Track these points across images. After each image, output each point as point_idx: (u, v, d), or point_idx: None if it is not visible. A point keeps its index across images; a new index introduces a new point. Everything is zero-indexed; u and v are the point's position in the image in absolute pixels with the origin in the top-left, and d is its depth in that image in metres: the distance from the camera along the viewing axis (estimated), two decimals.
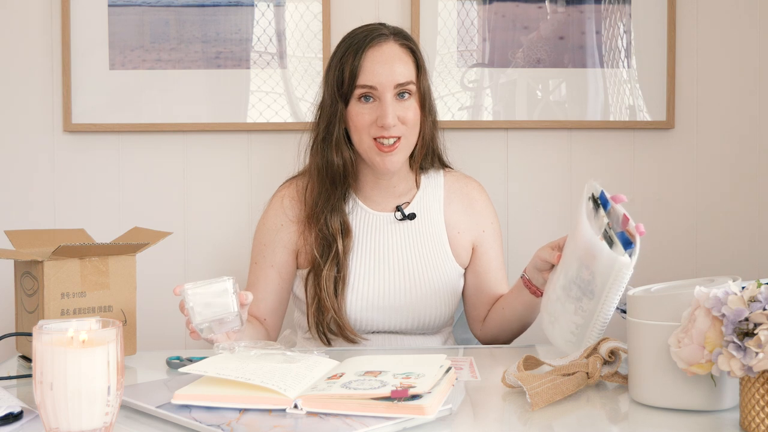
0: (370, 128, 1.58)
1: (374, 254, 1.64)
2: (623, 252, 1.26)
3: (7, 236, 1.50)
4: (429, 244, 1.66)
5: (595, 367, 1.22)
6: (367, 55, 1.58)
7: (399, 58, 1.59)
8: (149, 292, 2.02)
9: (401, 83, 1.58)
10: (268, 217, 1.70)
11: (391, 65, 1.57)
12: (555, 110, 2.12)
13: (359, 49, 1.58)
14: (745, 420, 1.04)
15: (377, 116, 1.57)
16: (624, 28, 2.10)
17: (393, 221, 1.67)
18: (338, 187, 1.64)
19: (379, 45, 1.59)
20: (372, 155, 1.60)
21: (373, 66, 1.57)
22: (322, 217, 1.62)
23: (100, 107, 2.06)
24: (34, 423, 1.09)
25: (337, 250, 1.60)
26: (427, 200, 1.70)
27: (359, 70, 1.57)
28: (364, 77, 1.57)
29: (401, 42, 1.61)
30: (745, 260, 2.15)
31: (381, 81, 1.57)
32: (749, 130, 2.15)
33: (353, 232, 1.64)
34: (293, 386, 1.10)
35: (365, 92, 1.58)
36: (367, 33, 1.61)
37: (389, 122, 1.56)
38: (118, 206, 2.10)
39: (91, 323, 1.00)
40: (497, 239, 1.74)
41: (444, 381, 1.13)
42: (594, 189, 1.36)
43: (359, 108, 1.59)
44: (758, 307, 1.00)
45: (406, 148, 1.62)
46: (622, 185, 2.14)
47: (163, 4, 2.05)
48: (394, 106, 1.57)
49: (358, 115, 1.59)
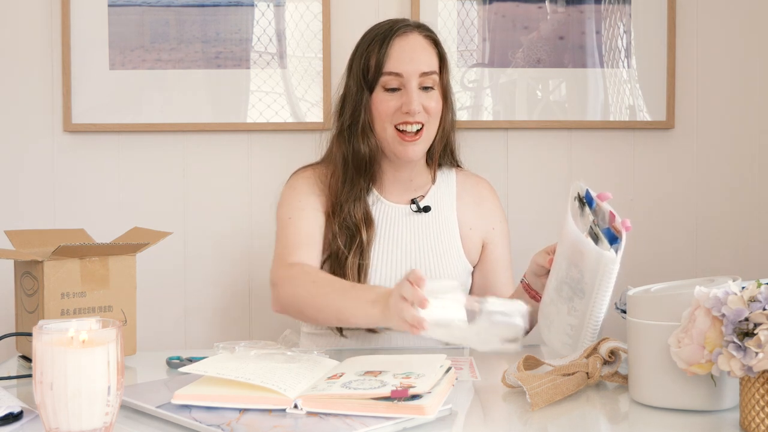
0: (394, 116, 1.61)
1: (392, 245, 1.66)
2: (608, 247, 1.26)
3: (7, 236, 1.50)
4: (441, 238, 1.69)
5: (595, 367, 1.22)
6: (394, 44, 1.61)
7: (424, 48, 1.63)
8: (149, 292, 2.02)
9: (426, 72, 1.61)
10: (299, 183, 1.68)
11: (417, 54, 1.61)
12: (555, 110, 2.12)
13: (386, 38, 1.62)
14: (745, 420, 1.04)
15: (402, 103, 1.60)
16: (624, 28, 2.10)
17: (408, 213, 1.68)
18: (362, 176, 1.65)
19: (405, 35, 1.62)
20: (395, 144, 1.62)
21: (400, 54, 1.61)
22: (346, 206, 1.63)
23: (100, 107, 2.06)
24: (34, 423, 1.09)
25: (361, 239, 1.61)
26: (441, 195, 1.72)
27: (386, 58, 1.60)
28: (390, 64, 1.60)
29: (425, 34, 1.65)
30: (745, 260, 2.15)
31: (407, 68, 1.60)
32: (749, 130, 2.15)
33: (375, 223, 1.65)
34: (293, 386, 1.10)
35: (391, 79, 1.60)
36: (392, 24, 1.65)
37: (414, 108, 1.59)
38: (118, 206, 2.10)
39: (91, 323, 1.00)
40: (505, 239, 1.75)
41: (444, 381, 1.13)
42: (579, 188, 1.37)
43: (384, 96, 1.62)
44: (758, 307, 1.00)
45: (428, 139, 1.64)
46: (622, 185, 2.15)
47: (163, 4, 2.05)
48: (418, 94, 1.60)
49: (383, 102, 1.61)
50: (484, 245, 1.74)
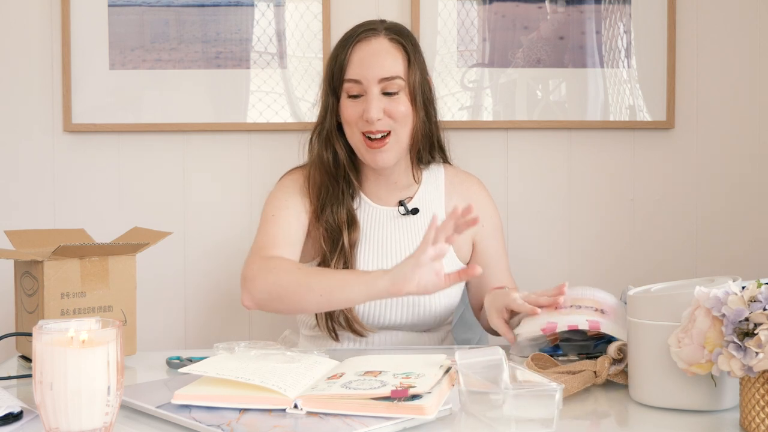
0: (358, 123, 1.60)
1: (379, 248, 1.65)
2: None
3: (7, 236, 1.50)
4: None
5: (603, 366, 1.22)
6: (355, 50, 1.60)
7: (387, 52, 1.60)
8: (149, 292, 2.02)
9: (386, 77, 1.58)
10: (288, 183, 1.69)
11: (377, 59, 1.59)
12: (555, 110, 2.12)
13: (348, 44, 1.61)
14: (745, 420, 1.04)
15: (363, 110, 1.58)
16: (624, 28, 2.10)
17: (396, 216, 1.68)
18: (338, 180, 1.64)
19: (368, 39, 1.61)
20: (362, 151, 1.62)
21: (360, 60, 1.59)
22: (328, 208, 1.62)
23: (100, 107, 2.06)
24: (34, 423, 1.09)
25: (343, 242, 1.61)
26: (429, 195, 1.71)
27: (346, 64, 1.60)
28: (350, 71, 1.59)
29: (391, 36, 1.62)
30: (745, 260, 2.15)
31: (365, 75, 1.58)
32: (749, 130, 2.15)
33: (360, 225, 1.65)
34: (293, 386, 1.10)
35: (352, 86, 1.59)
36: (358, 28, 1.63)
37: (372, 116, 1.57)
38: (118, 206, 2.10)
39: (91, 323, 1.00)
40: (497, 232, 1.75)
41: (444, 381, 1.13)
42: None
43: (348, 102, 1.61)
44: (758, 307, 1.00)
45: (397, 145, 1.62)
46: (622, 185, 2.15)
47: (163, 4, 2.05)
48: (380, 100, 1.58)
49: (347, 109, 1.61)
50: (475, 243, 1.73)
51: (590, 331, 1.32)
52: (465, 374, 1.09)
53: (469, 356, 1.11)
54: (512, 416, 1.04)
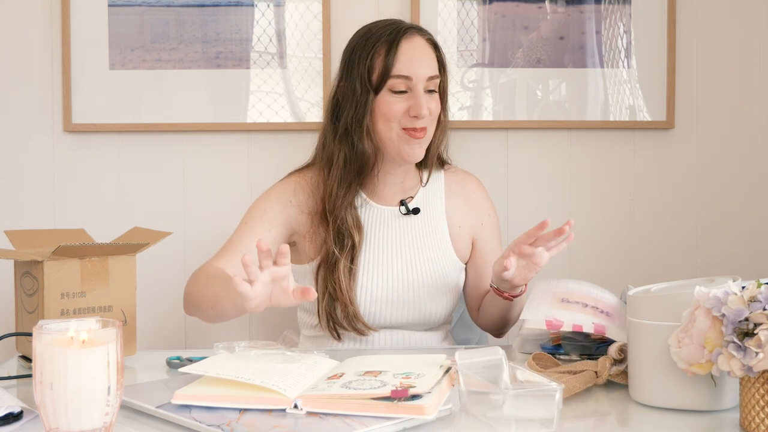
0: (402, 118, 1.60)
1: (381, 248, 1.65)
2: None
3: (7, 236, 1.50)
4: (431, 239, 1.68)
5: (604, 366, 1.22)
6: (402, 47, 1.60)
7: (428, 51, 1.63)
8: (149, 292, 2.02)
9: (432, 76, 1.61)
10: (275, 192, 1.69)
11: (425, 57, 1.61)
12: (555, 110, 2.12)
13: (394, 41, 1.61)
14: (745, 420, 1.04)
15: (410, 106, 1.59)
16: (624, 28, 2.10)
17: (398, 216, 1.68)
18: (351, 180, 1.64)
19: (412, 37, 1.62)
20: (401, 144, 1.61)
21: (410, 57, 1.60)
22: (341, 210, 1.62)
23: (100, 107, 2.06)
24: (34, 423, 1.09)
25: (353, 243, 1.61)
26: (430, 196, 1.71)
27: (395, 61, 1.59)
28: (399, 68, 1.59)
29: (427, 37, 1.65)
30: (745, 260, 2.15)
31: (416, 72, 1.59)
32: (749, 130, 2.15)
33: (363, 226, 1.65)
34: (293, 386, 1.10)
35: (399, 83, 1.60)
36: (396, 25, 1.64)
37: (423, 112, 1.59)
38: (118, 206, 2.10)
39: (91, 323, 1.00)
40: (495, 231, 1.76)
41: (444, 381, 1.13)
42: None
43: (391, 98, 1.60)
44: (758, 307, 1.00)
45: (428, 140, 1.65)
46: (622, 185, 2.15)
47: (163, 4, 2.05)
48: (425, 97, 1.60)
49: (390, 105, 1.60)
50: (474, 241, 1.74)
51: (594, 335, 1.32)
52: (465, 374, 1.09)
53: (469, 356, 1.11)
54: (512, 416, 1.04)
